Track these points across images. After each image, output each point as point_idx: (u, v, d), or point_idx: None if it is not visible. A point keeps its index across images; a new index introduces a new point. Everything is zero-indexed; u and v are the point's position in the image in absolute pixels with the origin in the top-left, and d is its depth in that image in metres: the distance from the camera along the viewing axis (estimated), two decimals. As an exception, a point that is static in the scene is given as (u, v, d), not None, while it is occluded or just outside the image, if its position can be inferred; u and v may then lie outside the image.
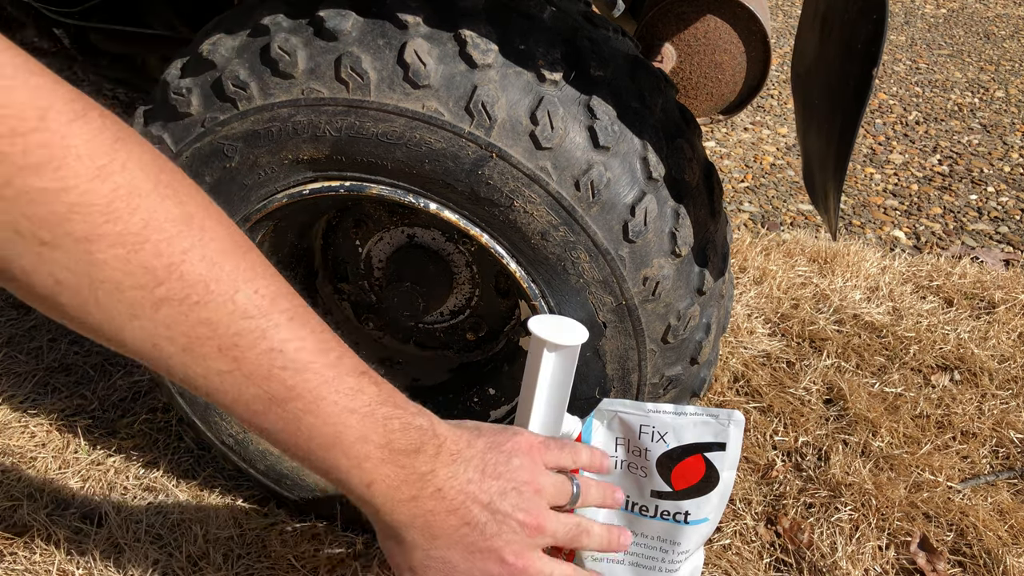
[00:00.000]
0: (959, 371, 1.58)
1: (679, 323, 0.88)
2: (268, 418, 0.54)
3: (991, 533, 1.20)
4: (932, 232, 2.28)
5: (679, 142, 0.85)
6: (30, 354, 1.46)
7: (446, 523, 0.60)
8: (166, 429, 1.31)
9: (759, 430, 1.40)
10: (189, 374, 0.51)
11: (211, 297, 0.48)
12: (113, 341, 0.49)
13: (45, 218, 0.42)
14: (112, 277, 0.45)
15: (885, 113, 3.11)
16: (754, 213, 2.34)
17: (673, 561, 0.90)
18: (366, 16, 0.79)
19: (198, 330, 0.48)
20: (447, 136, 0.78)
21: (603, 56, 0.82)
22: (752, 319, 1.70)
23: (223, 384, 0.51)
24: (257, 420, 0.55)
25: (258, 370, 0.51)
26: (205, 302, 0.48)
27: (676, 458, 0.86)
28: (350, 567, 1.09)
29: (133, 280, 0.45)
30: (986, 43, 4.03)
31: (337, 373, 0.55)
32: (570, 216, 0.80)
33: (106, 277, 0.45)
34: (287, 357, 0.52)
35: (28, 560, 1.06)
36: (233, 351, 0.50)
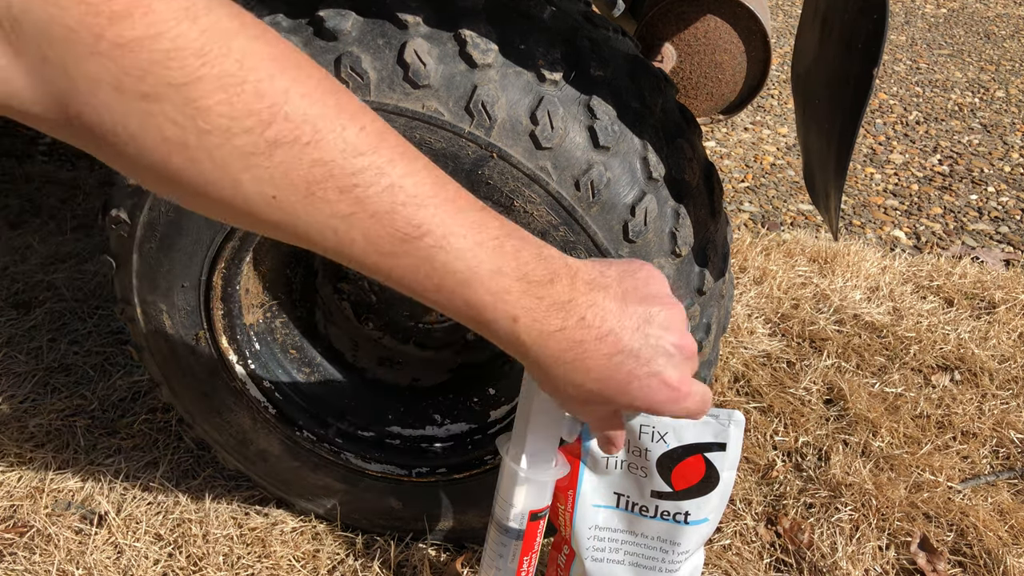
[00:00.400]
0: (959, 371, 1.58)
1: (679, 323, 0.87)
2: (401, 261, 0.51)
3: (991, 533, 1.20)
4: (932, 232, 2.28)
5: (679, 142, 0.85)
6: (30, 354, 1.46)
7: (598, 352, 0.57)
8: (166, 429, 1.31)
9: (759, 430, 1.40)
10: (314, 226, 0.49)
11: (320, 136, 0.46)
12: (233, 201, 0.47)
13: (144, 69, 0.40)
14: (219, 124, 0.43)
15: (885, 113, 3.11)
16: (754, 213, 2.34)
17: (673, 561, 0.90)
18: (366, 16, 0.79)
19: (314, 172, 0.46)
20: (447, 136, 0.78)
21: (603, 56, 0.82)
22: (752, 319, 1.70)
23: (350, 230, 0.49)
24: (389, 264, 0.52)
25: (381, 208, 0.49)
26: (316, 142, 0.46)
27: (676, 458, 0.86)
28: (350, 567, 1.09)
29: (240, 125, 0.43)
30: (986, 43, 4.03)
31: (459, 207, 0.53)
32: (570, 216, 0.80)
33: (213, 125, 0.43)
34: (408, 193, 0.49)
35: (28, 560, 1.06)
36: (354, 191, 0.48)
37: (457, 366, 1.17)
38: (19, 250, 1.77)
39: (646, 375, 0.59)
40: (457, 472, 1.04)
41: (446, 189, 0.52)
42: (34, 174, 2.12)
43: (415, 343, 1.17)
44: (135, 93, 0.41)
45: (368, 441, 1.07)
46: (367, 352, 1.16)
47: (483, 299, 0.55)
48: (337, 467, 1.06)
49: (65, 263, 1.73)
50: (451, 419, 1.11)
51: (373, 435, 1.08)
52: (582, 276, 0.58)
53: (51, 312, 1.56)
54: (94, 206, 1.99)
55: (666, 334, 0.60)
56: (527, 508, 0.80)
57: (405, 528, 1.11)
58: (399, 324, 1.15)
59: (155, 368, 1.03)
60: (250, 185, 0.46)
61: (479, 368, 1.15)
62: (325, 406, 1.07)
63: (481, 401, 1.11)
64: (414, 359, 1.17)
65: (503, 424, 1.06)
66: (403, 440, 1.08)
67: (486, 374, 1.13)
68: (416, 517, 1.09)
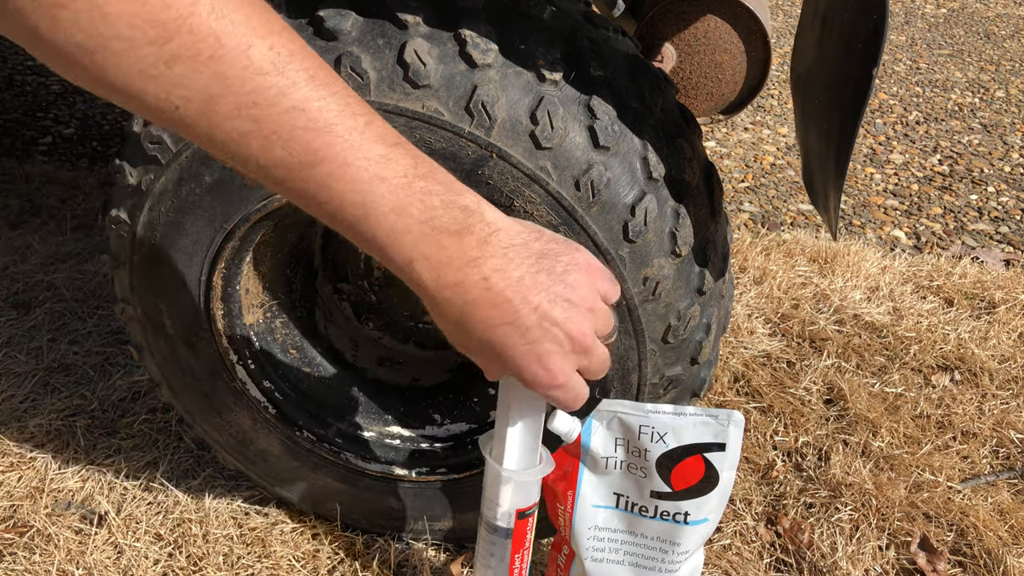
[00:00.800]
0: (959, 371, 1.58)
1: (679, 323, 0.87)
2: (297, 185, 0.51)
3: (991, 533, 1.20)
4: (932, 232, 2.28)
5: (679, 142, 0.85)
6: (30, 354, 1.46)
7: (487, 316, 0.57)
8: (166, 429, 1.31)
9: (759, 430, 1.40)
10: (215, 137, 0.49)
11: (223, 52, 0.46)
12: (137, 103, 0.48)
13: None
14: (123, 34, 0.44)
15: (885, 113, 3.11)
16: (754, 213, 2.34)
17: (673, 562, 0.90)
18: (366, 16, 0.79)
19: (213, 87, 0.47)
20: (447, 136, 0.78)
21: (603, 56, 0.82)
22: (752, 319, 1.70)
23: (249, 147, 0.49)
24: (287, 187, 0.52)
25: (280, 130, 0.49)
26: (218, 57, 0.46)
27: (676, 459, 0.86)
28: (350, 567, 1.09)
29: (144, 35, 0.44)
30: (986, 43, 4.03)
31: (364, 139, 0.52)
32: (570, 216, 0.80)
33: (117, 34, 0.43)
34: (309, 117, 0.49)
35: (28, 560, 1.06)
36: (252, 109, 0.48)
37: (457, 366, 1.17)
38: (19, 250, 1.77)
39: (526, 351, 0.59)
40: (457, 472, 1.04)
41: (355, 119, 0.51)
42: (34, 174, 2.12)
43: (415, 343, 1.17)
44: (50, 3, 0.42)
45: (368, 441, 1.07)
46: (367, 352, 1.16)
47: (378, 235, 0.54)
48: (337, 467, 1.06)
49: (65, 263, 1.73)
50: (451, 419, 1.11)
51: (373, 435, 1.08)
52: (501, 237, 0.57)
53: (51, 312, 1.57)
54: (94, 206, 1.99)
55: (564, 324, 0.60)
56: (514, 507, 0.80)
57: (405, 528, 1.11)
58: (399, 324, 1.15)
59: (155, 368, 1.03)
60: (154, 94, 0.46)
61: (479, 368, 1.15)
62: (325, 406, 1.07)
63: (481, 401, 1.11)
64: (414, 359, 1.17)
65: (503, 424, 1.06)
66: (403, 440, 1.08)
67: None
68: (416, 517, 1.09)
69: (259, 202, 0.87)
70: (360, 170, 0.51)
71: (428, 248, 0.55)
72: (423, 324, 1.14)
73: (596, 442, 0.87)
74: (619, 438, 0.87)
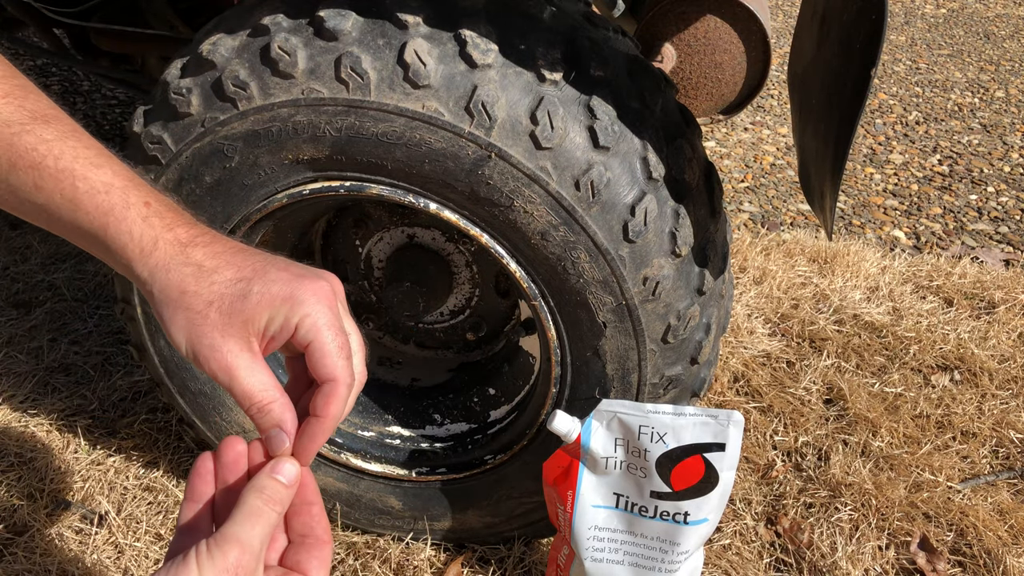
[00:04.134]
0: (959, 371, 1.58)
1: (679, 323, 0.88)
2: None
3: (991, 533, 1.20)
4: (932, 232, 2.28)
5: (679, 142, 0.85)
6: (30, 354, 1.46)
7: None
8: (166, 429, 1.31)
9: (759, 430, 1.40)
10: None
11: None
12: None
13: None
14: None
15: (885, 113, 3.11)
16: (754, 213, 2.34)
17: (673, 561, 0.90)
18: (366, 16, 0.79)
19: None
20: (447, 136, 0.78)
21: (603, 56, 0.82)
22: (752, 319, 1.70)
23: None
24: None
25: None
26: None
27: (675, 459, 0.86)
28: (350, 567, 1.09)
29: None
30: (986, 43, 4.03)
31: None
32: (570, 216, 0.80)
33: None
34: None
35: (28, 560, 1.06)
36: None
37: (457, 366, 1.17)
38: (19, 250, 1.77)
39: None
40: (457, 472, 1.04)
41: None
42: (34, 174, 2.12)
43: (415, 343, 1.17)
44: None
45: (368, 441, 1.07)
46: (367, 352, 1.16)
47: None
48: (337, 467, 1.06)
49: (65, 263, 1.73)
50: (451, 419, 1.11)
51: (373, 435, 1.08)
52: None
53: (51, 312, 1.57)
54: (94, 206, 1.99)
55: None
56: None
57: (405, 528, 1.11)
58: (399, 324, 1.15)
59: (155, 368, 1.03)
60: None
61: (479, 368, 1.15)
62: (325, 406, 1.07)
63: (481, 401, 1.11)
64: (414, 359, 1.17)
65: (503, 424, 1.06)
66: (403, 440, 1.09)
67: (486, 374, 1.13)
68: (416, 517, 1.09)
69: (259, 202, 0.87)
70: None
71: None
72: (423, 324, 1.14)
73: (596, 442, 0.87)
74: (619, 438, 0.87)
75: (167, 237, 0.53)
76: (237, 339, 0.53)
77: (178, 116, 0.85)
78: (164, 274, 0.53)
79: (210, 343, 0.52)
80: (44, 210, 0.54)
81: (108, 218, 0.53)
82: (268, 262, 0.54)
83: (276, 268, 0.53)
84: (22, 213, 0.55)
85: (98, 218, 0.53)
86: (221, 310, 0.52)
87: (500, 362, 1.13)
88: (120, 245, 0.53)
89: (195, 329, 0.53)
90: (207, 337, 0.53)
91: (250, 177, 0.85)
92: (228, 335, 0.53)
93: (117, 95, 2.75)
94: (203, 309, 0.52)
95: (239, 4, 0.87)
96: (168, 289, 0.53)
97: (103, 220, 0.53)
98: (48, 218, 0.54)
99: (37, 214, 0.55)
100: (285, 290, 0.52)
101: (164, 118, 0.86)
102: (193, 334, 0.53)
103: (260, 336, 0.53)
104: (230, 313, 0.52)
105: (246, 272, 0.53)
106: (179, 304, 0.53)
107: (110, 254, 0.54)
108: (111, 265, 0.55)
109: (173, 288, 0.53)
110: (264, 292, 0.52)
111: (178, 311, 0.53)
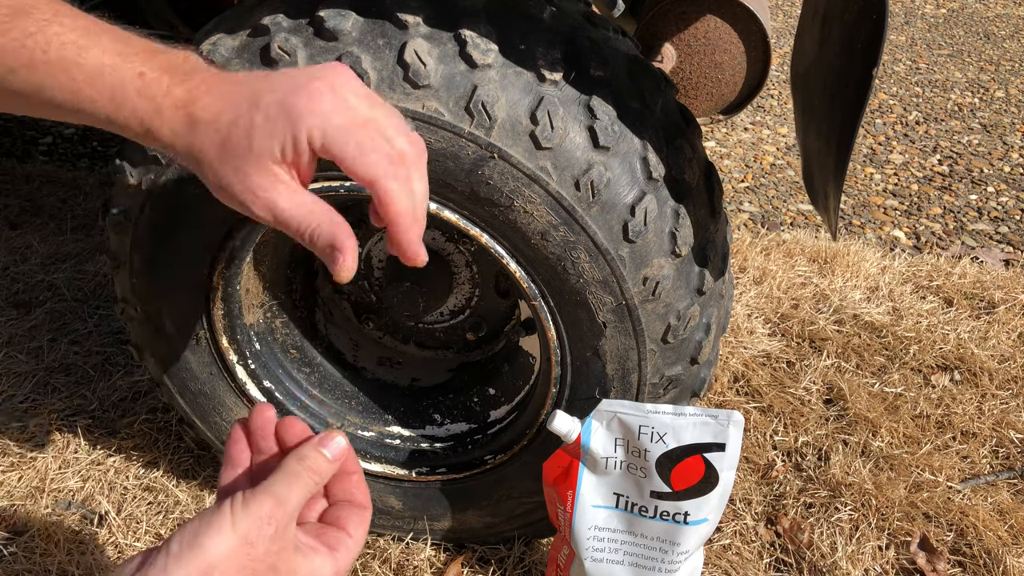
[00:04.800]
0: (959, 371, 1.58)
1: (679, 323, 0.88)
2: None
3: (991, 533, 1.20)
4: (932, 232, 2.28)
5: (679, 142, 0.85)
6: (30, 354, 1.46)
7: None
8: (166, 429, 1.31)
9: (759, 430, 1.40)
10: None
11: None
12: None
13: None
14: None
15: (885, 113, 3.11)
16: (754, 213, 2.34)
17: (673, 561, 0.90)
18: (366, 16, 0.79)
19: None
20: (447, 136, 0.78)
21: (603, 56, 0.82)
22: (752, 319, 1.70)
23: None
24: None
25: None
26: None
27: (675, 459, 0.86)
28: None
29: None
30: (986, 43, 4.03)
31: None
32: (570, 216, 0.80)
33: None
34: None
35: (28, 560, 1.06)
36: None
37: (457, 366, 1.17)
38: (19, 250, 1.77)
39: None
40: (457, 472, 1.04)
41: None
42: (34, 174, 2.12)
43: (415, 343, 1.17)
44: None
45: (368, 441, 1.07)
46: (367, 352, 1.16)
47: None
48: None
49: (65, 263, 1.73)
50: (451, 419, 1.11)
51: (373, 435, 1.08)
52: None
53: (51, 312, 1.57)
54: (94, 206, 1.99)
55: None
56: None
57: (405, 528, 1.11)
58: (399, 324, 1.15)
59: (155, 368, 1.03)
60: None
61: (479, 368, 1.15)
62: (325, 406, 1.08)
63: (481, 401, 1.11)
64: (414, 359, 1.17)
65: (503, 424, 1.06)
66: (403, 440, 1.09)
67: (486, 374, 1.13)
68: (416, 517, 1.09)
69: (259, 202, 0.87)
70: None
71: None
72: (423, 324, 1.14)
73: (596, 442, 0.87)
74: (619, 438, 0.87)
75: (167, 104, 0.53)
76: (260, 176, 0.52)
77: (178, 116, 0.84)
78: (178, 144, 0.53)
79: (241, 191, 0.53)
80: (50, 104, 0.54)
81: (110, 104, 0.53)
82: (261, 88, 0.53)
83: (269, 90, 0.52)
84: (34, 111, 0.55)
85: (101, 104, 0.53)
86: (235, 155, 0.52)
87: (500, 362, 1.13)
88: (128, 127, 0.54)
89: (224, 185, 0.53)
90: (236, 187, 0.53)
91: (250, 177, 0.85)
92: (250, 176, 0.52)
93: (117, 95, 2.75)
94: (219, 164, 0.53)
95: (239, 4, 0.87)
96: (187, 159, 0.54)
97: (106, 107, 0.53)
98: (55, 111, 0.55)
99: (51, 111, 0.55)
100: (280, 112, 0.52)
101: (164, 118, 0.86)
102: (225, 193, 0.53)
103: (281, 163, 0.52)
104: (243, 155, 0.52)
105: (241, 109, 0.52)
106: (202, 168, 0.54)
107: (125, 133, 0.55)
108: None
109: (191, 157, 0.53)
110: (262, 122, 0.52)
111: (207, 175, 0.54)
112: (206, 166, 0.53)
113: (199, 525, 0.50)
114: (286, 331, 1.07)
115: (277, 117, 0.51)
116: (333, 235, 0.52)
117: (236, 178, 0.52)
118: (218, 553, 0.49)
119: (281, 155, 0.52)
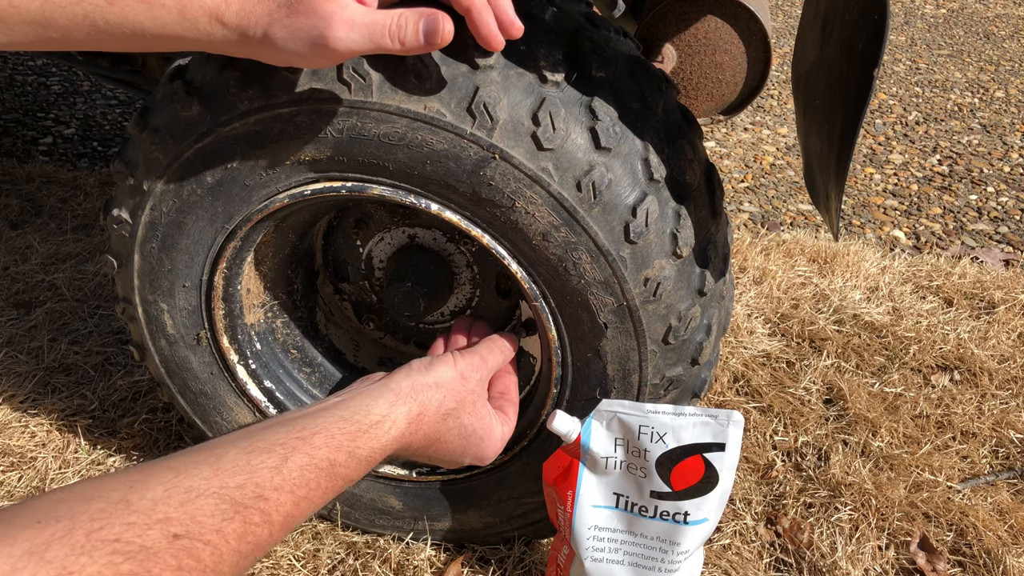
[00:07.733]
0: (959, 371, 1.59)
1: (680, 324, 0.88)
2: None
3: (991, 533, 1.21)
4: (932, 232, 2.29)
5: (680, 143, 0.86)
6: (30, 354, 1.46)
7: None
8: (166, 429, 1.31)
9: (759, 430, 1.40)
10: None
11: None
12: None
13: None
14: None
15: (885, 113, 3.12)
16: (754, 213, 2.34)
17: (673, 561, 0.90)
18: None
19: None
20: (449, 137, 0.78)
21: (604, 57, 0.82)
22: (752, 319, 1.70)
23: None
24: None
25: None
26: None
27: (675, 459, 0.86)
28: (350, 567, 1.10)
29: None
30: (986, 43, 4.03)
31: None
32: (571, 217, 0.80)
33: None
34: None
35: (29, 560, 1.06)
36: None
37: (458, 366, 1.17)
38: (19, 250, 1.77)
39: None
40: (457, 472, 1.04)
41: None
42: (34, 174, 2.12)
43: (416, 343, 1.17)
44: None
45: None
46: (368, 352, 1.16)
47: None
48: (338, 467, 1.06)
49: (65, 263, 1.73)
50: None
51: (374, 435, 1.08)
52: None
53: (52, 312, 1.57)
54: (94, 206, 1.99)
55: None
56: None
57: (405, 528, 1.12)
58: (400, 324, 1.15)
59: (156, 368, 1.03)
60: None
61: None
62: (326, 406, 1.07)
63: (482, 401, 1.11)
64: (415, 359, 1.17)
65: (504, 424, 1.06)
66: (404, 440, 1.09)
67: (487, 374, 1.13)
68: (416, 517, 1.10)
69: (260, 203, 0.87)
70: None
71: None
72: (424, 324, 1.14)
73: (596, 442, 0.87)
74: (619, 438, 0.87)
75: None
76: (330, 3, 0.61)
77: (180, 116, 0.85)
78: (252, 30, 0.62)
79: (316, 23, 0.61)
80: (131, 31, 0.62)
81: (177, 5, 0.62)
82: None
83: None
84: (119, 45, 0.64)
85: (169, 6, 0.62)
86: (297, 11, 0.61)
87: (501, 362, 1.13)
88: (196, 21, 0.62)
89: (298, 32, 0.62)
90: (312, 33, 0.61)
91: (252, 177, 0.86)
92: (322, 15, 0.61)
93: (117, 95, 2.75)
94: (290, 17, 0.61)
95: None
96: (255, 26, 0.62)
97: (173, 9, 0.62)
98: (134, 38, 0.63)
99: (131, 41, 0.63)
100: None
101: (165, 118, 0.86)
102: (299, 38, 0.62)
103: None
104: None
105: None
106: (272, 28, 0.62)
107: (193, 31, 0.63)
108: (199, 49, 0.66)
109: (258, 25, 0.62)
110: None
111: (277, 35, 0.62)
112: (276, 24, 0.61)
113: (431, 360, 0.80)
114: (287, 331, 1.07)
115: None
116: (406, 18, 0.63)
117: (310, 20, 0.60)
118: (445, 377, 0.78)
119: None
